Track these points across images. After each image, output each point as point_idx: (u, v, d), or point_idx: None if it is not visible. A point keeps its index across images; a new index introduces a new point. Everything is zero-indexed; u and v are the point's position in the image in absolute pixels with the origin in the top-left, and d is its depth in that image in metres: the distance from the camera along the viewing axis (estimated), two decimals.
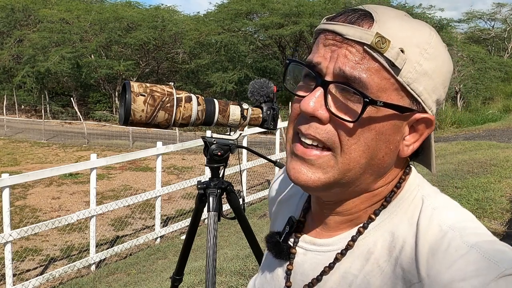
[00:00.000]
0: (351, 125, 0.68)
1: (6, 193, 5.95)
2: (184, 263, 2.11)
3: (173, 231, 8.60)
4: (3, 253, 6.23)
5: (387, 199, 0.75)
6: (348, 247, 0.74)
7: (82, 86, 29.97)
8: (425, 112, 0.71)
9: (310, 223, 0.83)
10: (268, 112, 1.84)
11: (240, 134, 1.85)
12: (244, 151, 9.12)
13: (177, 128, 12.10)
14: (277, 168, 8.74)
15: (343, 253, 0.75)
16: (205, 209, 1.91)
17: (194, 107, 1.69)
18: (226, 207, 4.21)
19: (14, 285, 6.17)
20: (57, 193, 11.85)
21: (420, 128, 0.72)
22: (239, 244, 5.75)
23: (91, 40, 26.58)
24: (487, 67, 23.67)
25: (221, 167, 1.89)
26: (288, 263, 0.82)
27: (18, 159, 16.94)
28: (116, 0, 32.28)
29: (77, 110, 23.26)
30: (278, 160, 10.12)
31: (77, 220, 7.15)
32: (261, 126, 1.85)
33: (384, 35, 0.67)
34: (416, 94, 0.69)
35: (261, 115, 1.83)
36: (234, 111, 1.78)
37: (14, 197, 10.63)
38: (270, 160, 2.07)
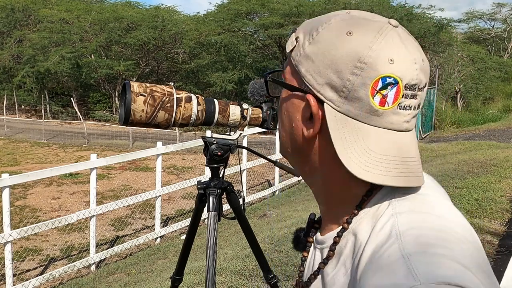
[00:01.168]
0: (280, 103, 0.80)
1: (6, 193, 5.95)
2: (184, 263, 2.11)
3: (173, 231, 8.61)
4: (3, 253, 6.23)
5: (357, 207, 0.72)
6: (335, 242, 0.74)
7: (82, 86, 29.97)
8: (315, 95, 0.71)
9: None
10: (268, 112, 1.84)
11: (240, 134, 1.85)
12: (244, 151, 9.12)
13: (177, 128, 12.10)
14: (277, 169, 8.72)
15: (332, 249, 0.74)
16: (205, 209, 1.91)
17: (194, 107, 1.69)
18: (226, 207, 4.20)
19: (14, 285, 6.17)
20: (57, 193, 11.85)
21: (314, 110, 0.72)
22: (239, 244, 5.75)
23: (91, 40, 26.58)
24: (487, 67, 23.68)
25: (221, 167, 1.89)
26: (304, 251, 0.86)
27: (18, 159, 16.95)
28: (116, 0, 32.30)
29: (77, 110, 23.27)
30: (278, 160, 10.08)
31: (77, 220, 7.15)
32: (261, 126, 1.85)
33: (297, 30, 0.77)
34: (301, 75, 0.72)
35: (261, 115, 1.83)
36: (234, 111, 1.78)
37: (14, 197, 10.63)
38: (270, 160, 2.07)
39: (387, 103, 0.67)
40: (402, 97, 0.68)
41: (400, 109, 0.68)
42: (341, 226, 0.74)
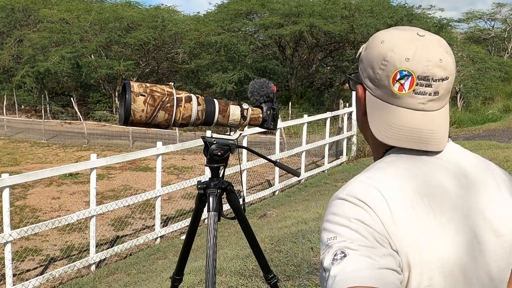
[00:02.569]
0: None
1: (6, 193, 5.95)
2: (184, 263, 2.11)
3: (173, 231, 8.61)
4: (3, 253, 6.23)
5: (383, 155, 1.00)
6: None
7: (82, 86, 29.98)
8: (364, 86, 1.01)
9: None
10: (268, 112, 1.84)
11: (240, 134, 1.85)
12: (244, 151, 9.12)
13: (177, 128, 12.10)
14: (277, 169, 8.70)
15: None
16: (205, 209, 1.91)
17: (194, 107, 1.70)
18: (226, 207, 4.21)
19: (14, 285, 6.17)
20: (57, 193, 11.85)
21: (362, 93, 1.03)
22: (239, 244, 5.75)
23: (91, 40, 26.58)
24: (487, 67, 23.66)
25: (221, 167, 1.89)
26: None
27: (18, 159, 16.95)
28: (116, 0, 32.31)
29: (77, 110, 23.27)
30: (278, 160, 10.07)
31: (77, 220, 7.15)
32: (261, 126, 1.85)
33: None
34: (359, 71, 1.02)
35: (261, 115, 1.83)
36: (234, 111, 1.78)
37: (14, 197, 10.63)
38: (270, 160, 2.07)
39: (404, 89, 0.94)
40: (416, 85, 0.93)
41: (415, 94, 0.94)
42: None
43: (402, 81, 0.93)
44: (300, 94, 25.93)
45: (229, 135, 1.86)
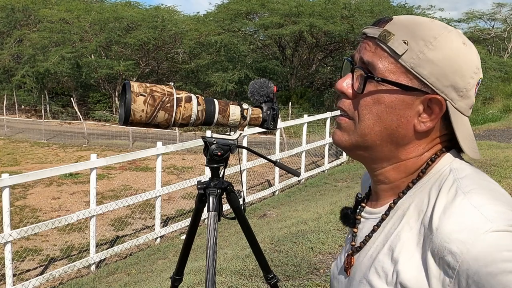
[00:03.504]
0: (367, 99, 0.87)
1: (6, 193, 5.95)
2: (184, 263, 2.10)
3: (173, 231, 8.61)
4: (3, 253, 6.23)
5: (422, 171, 0.89)
6: (390, 208, 0.90)
7: (82, 86, 29.99)
8: (436, 94, 0.84)
9: (371, 197, 1.00)
10: (268, 112, 1.83)
11: (240, 134, 1.85)
12: (244, 151, 9.12)
13: (177, 128, 12.11)
14: (277, 169, 8.68)
15: (386, 214, 0.91)
16: (205, 209, 1.91)
17: (194, 107, 1.69)
18: (226, 207, 4.21)
19: (14, 285, 6.17)
20: (57, 193, 11.85)
21: (435, 108, 0.85)
22: (239, 244, 5.76)
23: (91, 40, 26.58)
24: (487, 67, 23.67)
25: (221, 167, 1.89)
26: (354, 228, 0.99)
27: (18, 159, 16.95)
28: (116, 0, 32.31)
29: (77, 110, 23.27)
30: (278, 160, 10.08)
31: (77, 220, 7.15)
32: (261, 126, 1.85)
33: (391, 30, 0.85)
34: (422, 77, 0.84)
35: (261, 115, 1.83)
36: (234, 111, 1.78)
37: (14, 197, 10.63)
38: (270, 160, 2.07)
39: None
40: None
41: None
42: (398, 195, 0.91)
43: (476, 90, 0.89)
44: (300, 94, 25.93)
45: (229, 135, 1.86)
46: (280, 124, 10.94)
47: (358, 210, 1.00)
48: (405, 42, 0.84)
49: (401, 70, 0.84)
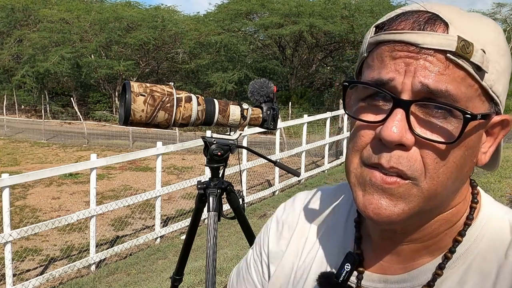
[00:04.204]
0: (443, 147, 0.60)
1: (6, 193, 5.95)
2: (184, 263, 2.11)
3: (173, 231, 8.60)
4: (3, 253, 6.23)
5: (470, 217, 0.68)
6: (436, 276, 0.66)
7: (82, 86, 29.99)
8: (500, 113, 0.65)
9: (371, 256, 0.73)
10: (268, 112, 1.84)
11: (240, 134, 1.85)
12: (244, 151, 9.12)
13: (177, 128, 12.11)
14: (277, 169, 8.68)
15: (430, 285, 0.66)
16: (205, 209, 1.91)
17: (194, 107, 1.69)
18: (226, 207, 4.21)
19: (14, 285, 6.17)
20: (57, 193, 11.85)
21: (496, 131, 0.66)
22: (239, 244, 5.75)
23: (91, 40, 26.59)
24: None
25: (221, 167, 1.89)
26: None
27: (18, 159, 16.94)
28: (116, 0, 32.32)
29: (77, 110, 23.26)
30: (278, 160, 10.09)
31: (77, 220, 7.15)
32: (261, 126, 1.85)
33: (466, 38, 0.60)
34: (496, 96, 0.63)
35: (261, 115, 1.83)
36: (234, 111, 1.78)
37: (14, 197, 10.63)
38: (270, 160, 2.07)
39: None
40: None
41: None
42: (445, 248, 0.68)
43: None
44: (300, 94, 25.94)
45: (229, 135, 1.86)
46: (280, 124, 10.94)
47: (347, 275, 0.72)
48: (484, 52, 0.60)
49: (477, 93, 0.61)
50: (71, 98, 25.63)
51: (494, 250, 0.66)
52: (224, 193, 1.92)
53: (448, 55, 0.59)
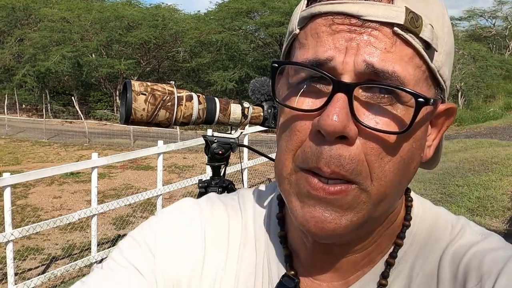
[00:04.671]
0: (390, 139, 0.51)
1: (7, 192, 5.95)
2: None
3: None
4: (5, 252, 6.24)
5: (407, 217, 0.63)
6: (381, 287, 0.59)
7: (83, 85, 30.01)
8: (445, 101, 0.58)
9: (305, 276, 0.62)
10: (269, 110, 1.83)
11: (241, 132, 1.85)
12: (245, 150, 9.12)
13: (178, 127, 12.11)
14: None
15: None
16: None
17: (195, 105, 1.69)
18: None
19: (16, 284, 6.17)
20: (59, 192, 11.86)
21: (440, 121, 0.58)
22: None
23: (91, 39, 26.61)
24: (488, 65, 23.67)
25: (222, 166, 1.89)
26: None
27: (19, 158, 16.96)
28: None
29: (78, 109, 23.29)
30: None
31: (79, 219, 7.15)
32: (262, 124, 1.85)
33: (414, 10, 0.51)
34: (443, 80, 0.56)
35: (262, 114, 1.83)
36: (235, 109, 1.78)
37: (15, 196, 10.64)
38: (271, 159, 2.07)
39: None
40: None
41: None
42: (385, 253, 0.61)
43: None
44: None
45: (230, 133, 1.86)
46: None
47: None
48: (432, 27, 0.52)
49: (424, 76, 0.53)
50: (72, 97, 25.65)
51: (432, 248, 0.60)
52: (226, 192, 1.91)
53: (395, 28, 0.50)
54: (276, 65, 0.56)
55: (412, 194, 0.65)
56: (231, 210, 0.68)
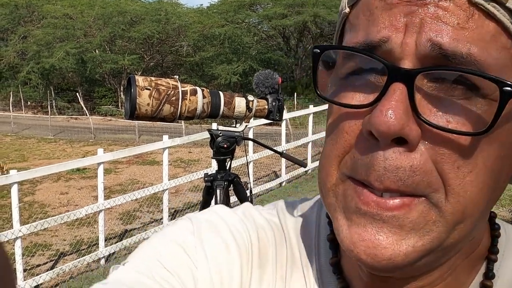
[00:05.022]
0: (467, 141, 0.39)
1: (14, 189, 5.99)
2: None
3: None
4: (13, 249, 6.28)
5: (493, 250, 0.49)
6: None
7: (87, 81, 30.04)
8: None
9: None
10: (274, 103, 1.84)
11: (246, 126, 1.86)
12: (250, 143, 9.12)
13: (183, 121, 12.11)
14: (283, 160, 8.65)
15: None
16: (213, 202, 1.91)
17: (200, 100, 1.69)
18: (234, 198, 4.22)
19: (24, 280, 6.22)
20: (65, 188, 11.91)
21: None
22: None
23: (95, 35, 26.60)
24: None
25: (228, 159, 1.90)
26: None
27: (26, 155, 17.03)
28: None
29: (83, 105, 23.33)
30: (284, 151, 10.12)
31: (86, 214, 7.19)
32: (266, 117, 1.85)
33: None
34: None
35: (266, 107, 1.83)
36: (240, 103, 1.78)
37: (22, 193, 10.70)
38: (276, 151, 2.07)
39: None
40: None
41: None
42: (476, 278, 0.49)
43: None
44: (305, 84, 25.88)
45: (235, 127, 1.86)
46: (286, 115, 10.92)
47: None
48: None
49: None
50: (77, 93, 25.69)
51: None
52: (231, 185, 1.92)
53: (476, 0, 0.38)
54: (318, 51, 0.44)
55: (498, 220, 0.52)
56: (274, 226, 0.56)
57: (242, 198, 1.96)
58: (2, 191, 9.88)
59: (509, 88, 0.37)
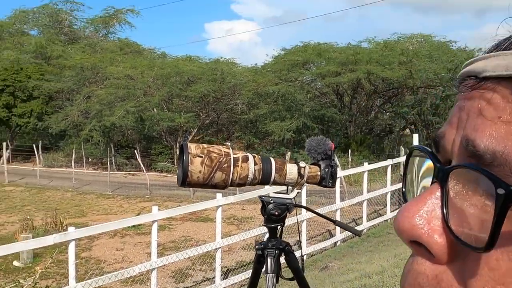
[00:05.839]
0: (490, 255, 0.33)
1: (72, 247, 6.12)
2: None
3: (233, 284, 8.51)
4: None
5: None
6: None
7: (145, 138, 31.02)
8: None
9: None
10: (326, 169, 1.80)
11: (298, 192, 1.82)
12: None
13: None
14: None
15: None
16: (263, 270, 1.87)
17: (251, 166, 1.69)
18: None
19: None
20: (121, 244, 12.09)
21: None
22: None
23: (153, 94, 27.66)
24: None
25: (279, 227, 1.86)
26: None
27: (85, 210, 17.52)
28: (178, 56, 33.66)
29: (140, 161, 23.98)
30: (338, 210, 9.98)
31: (139, 272, 7.23)
32: (319, 184, 1.82)
33: None
34: None
35: (319, 173, 1.80)
36: (291, 169, 1.76)
37: (80, 248, 10.93)
38: (330, 220, 2.01)
39: None
40: None
41: None
42: None
43: None
44: (360, 141, 25.63)
45: (286, 193, 1.83)
46: (340, 172, 10.78)
47: None
48: None
49: None
50: (135, 150, 26.50)
51: None
52: (283, 254, 1.87)
53: None
54: (409, 151, 0.42)
55: None
56: None
57: (294, 267, 1.90)
58: (61, 246, 10.13)
59: (497, 188, 0.31)
